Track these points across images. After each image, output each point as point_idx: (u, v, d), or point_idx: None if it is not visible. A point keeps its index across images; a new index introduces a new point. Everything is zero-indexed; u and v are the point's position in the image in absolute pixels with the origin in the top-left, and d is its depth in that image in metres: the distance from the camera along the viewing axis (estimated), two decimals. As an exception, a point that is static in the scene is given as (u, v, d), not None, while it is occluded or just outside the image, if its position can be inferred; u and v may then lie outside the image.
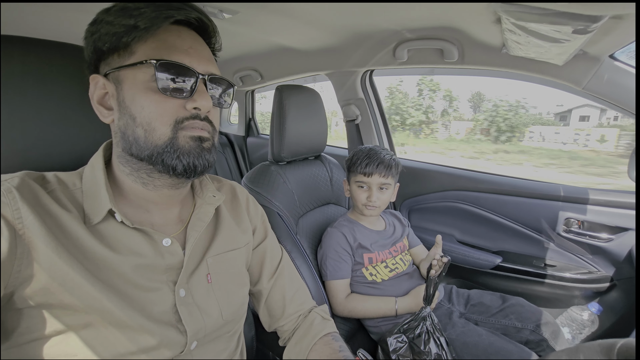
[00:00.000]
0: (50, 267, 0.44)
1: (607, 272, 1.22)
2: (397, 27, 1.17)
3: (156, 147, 0.49)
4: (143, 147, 0.49)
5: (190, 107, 0.49)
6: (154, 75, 0.47)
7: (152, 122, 0.48)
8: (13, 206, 0.44)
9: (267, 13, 1.07)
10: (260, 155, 2.51)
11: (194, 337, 0.55)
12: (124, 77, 0.49)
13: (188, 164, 0.50)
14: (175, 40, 0.49)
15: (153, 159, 0.49)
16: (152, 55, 0.47)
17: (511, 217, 1.39)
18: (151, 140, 0.48)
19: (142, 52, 0.48)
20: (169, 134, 0.49)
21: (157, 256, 0.53)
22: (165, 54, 0.48)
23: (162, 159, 0.49)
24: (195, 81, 0.50)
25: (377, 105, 1.71)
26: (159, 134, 0.48)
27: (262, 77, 2.01)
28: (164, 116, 0.48)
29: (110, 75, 0.50)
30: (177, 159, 0.49)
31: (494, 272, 1.37)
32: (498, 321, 1.06)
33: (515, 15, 0.68)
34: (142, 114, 0.48)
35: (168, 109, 0.48)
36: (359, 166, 1.07)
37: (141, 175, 0.53)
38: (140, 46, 0.48)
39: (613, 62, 0.97)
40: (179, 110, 0.49)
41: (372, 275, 1.08)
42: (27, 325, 0.46)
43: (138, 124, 0.48)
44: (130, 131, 0.49)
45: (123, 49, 0.48)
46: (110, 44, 0.48)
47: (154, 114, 0.48)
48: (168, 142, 0.49)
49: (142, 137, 0.49)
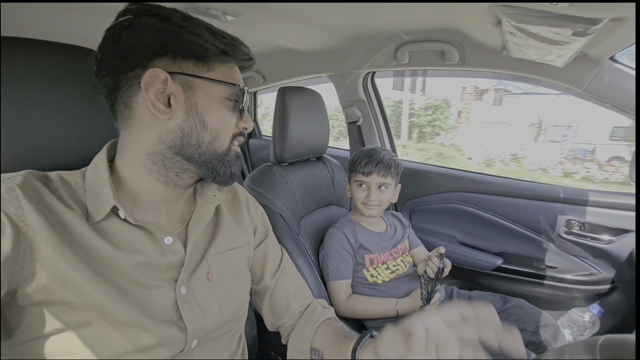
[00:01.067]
0: (52, 266, 0.45)
1: (608, 274, 1.22)
2: (399, 29, 1.18)
3: (215, 153, 0.56)
4: (204, 151, 0.55)
5: (242, 126, 0.59)
6: (233, 95, 0.56)
7: (220, 132, 0.55)
8: (16, 204, 0.45)
9: (269, 15, 1.08)
10: (262, 157, 2.52)
11: (195, 335, 0.56)
12: (199, 86, 0.53)
13: (233, 173, 0.60)
14: (232, 70, 0.58)
15: (207, 163, 0.56)
16: (228, 78, 0.56)
17: (512, 219, 1.39)
18: (214, 147, 0.56)
19: (220, 73, 0.55)
20: (227, 145, 0.57)
21: (159, 254, 0.54)
22: (234, 80, 0.57)
23: (216, 165, 0.57)
24: (243, 106, 0.59)
25: (378, 106, 1.72)
26: (221, 144, 0.56)
27: (264, 79, 2.02)
28: (228, 129, 0.57)
29: (177, 77, 0.52)
30: (228, 168, 0.58)
31: (495, 273, 1.37)
32: (499, 322, 1.06)
33: (516, 18, 0.68)
34: (215, 123, 0.55)
35: (231, 125, 0.57)
36: (359, 165, 1.09)
37: (169, 174, 0.55)
38: (219, 67, 0.55)
39: (613, 64, 0.97)
40: (235, 128, 0.58)
41: (372, 277, 1.09)
42: (29, 323, 0.46)
43: (208, 130, 0.54)
44: (196, 134, 0.54)
45: (202, 61, 0.54)
46: (191, 52, 0.52)
47: (223, 126, 0.56)
48: (226, 151, 0.57)
49: (206, 142, 0.55)
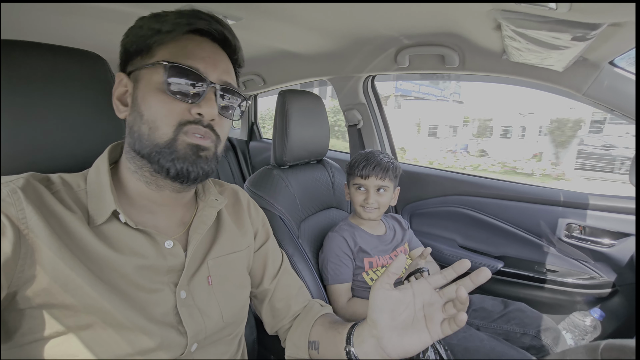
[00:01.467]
0: (52, 269, 0.45)
1: (609, 278, 1.21)
2: (399, 33, 1.18)
3: (156, 145, 0.50)
4: (145, 144, 0.51)
5: (195, 112, 0.51)
6: (172, 76, 0.49)
7: (157, 120, 0.50)
8: (18, 206, 0.45)
9: (270, 19, 1.09)
10: (263, 159, 2.52)
11: (194, 338, 0.56)
12: (142, 76, 0.52)
13: (181, 169, 0.51)
14: (194, 48, 0.52)
15: (151, 157, 0.51)
16: (168, 58, 0.50)
17: (513, 222, 1.38)
18: (153, 138, 0.50)
19: (160, 55, 0.51)
20: (170, 135, 0.50)
21: (159, 258, 0.54)
22: (181, 59, 0.50)
23: (159, 158, 0.50)
24: (204, 88, 0.51)
25: (378, 110, 1.72)
26: (161, 134, 0.50)
27: (265, 82, 2.03)
28: (168, 117, 0.50)
29: (132, 74, 0.53)
30: (172, 161, 0.50)
31: (496, 277, 1.37)
32: (500, 326, 1.06)
33: (515, 23, 0.69)
34: (149, 112, 0.50)
35: (173, 111, 0.50)
36: (356, 168, 1.09)
37: (144, 173, 0.54)
38: (161, 50, 0.51)
39: (613, 68, 0.98)
40: (183, 114, 0.50)
41: (372, 280, 1.08)
42: (29, 325, 0.46)
43: (144, 121, 0.51)
44: (137, 127, 0.51)
45: (146, 51, 0.52)
46: (136, 45, 0.52)
47: (159, 114, 0.50)
48: (168, 142, 0.50)
49: (145, 134, 0.50)
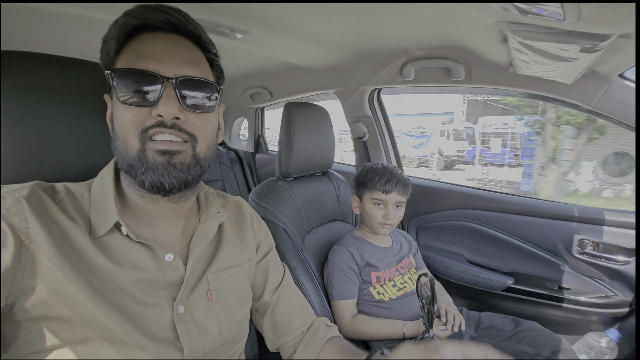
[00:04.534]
0: (51, 281, 0.44)
1: (626, 297, 1.16)
2: (404, 47, 1.19)
3: (130, 159, 0.48)
4: (123, 159, 0.49)
5: (155, 114, 0.47)
6: (115, 85, 0.47)
7: (124, 134, 0.48)
8: (21, 216, 0.44)
9: (276, 32, 1.11)
10: (269, 171, 2.53)
11: (191, 355, 0.54)
12: (113, 93, 0.49)
13: (153, 180, 0.48)
14: (145, 47, 0.48)
15: (130, 172, 0.49)
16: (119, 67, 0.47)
17: (523, 237, 1.35)
18: (126, 152, 0.48)
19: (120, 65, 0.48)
20: (138, 145, 0.47)
21: (159, 271, 0.53)
22: (130, 64, 0.46)
23: (135, 172, 0.48)
24: (159, 86, 0.47)
25: (384, 123, 1.72)
26: (130, 146, 0.48)
27: (271, 95, 2.05)
28: (131, 127, 0.47)
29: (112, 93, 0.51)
30: (144, 174, 0.47)
31: (505, 294, 1.33)
32: (511, 346, 1.02)
33: (522, 35, 0.68)
34: (118, 127, 0.49)
35: (134, 119, 0.47)
36: (378, 183, 1.06)
37: (137, 187, 0.52)
38: (120, 61, 0.48)
39: (623, 81, 0.96)
40: (145, 119, 0.47)
41: (379, 294, 1.06)
42: (26, 338, 0.46)
43: (117, 136, 0.49)
44: (115, 144, 0.50)
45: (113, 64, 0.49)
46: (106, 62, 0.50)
47: (123, 125, 0.48)
48: (138, 153, 0.47)
49: (122, 150, 0.49)
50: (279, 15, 0.97)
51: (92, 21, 0.97)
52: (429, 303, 0.88)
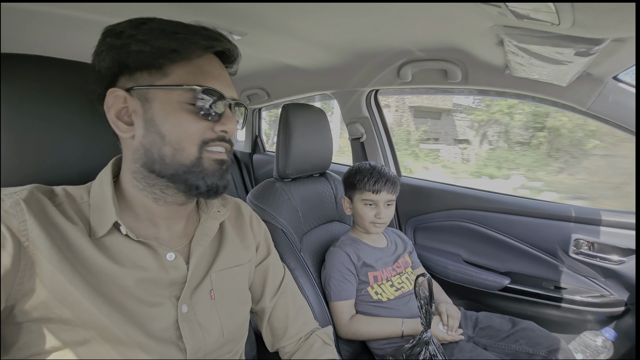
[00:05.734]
0: (51, 282, 0.45)
1: (621, 296, 1.18)
2: (401, 48, 1.20)
3: (182, 165, 0.50)
4: (169, 165, 0.50)
5: (219, 129, 0.52)
6: (193, 98, 0.50)
7: (182, 141, 0.50)
8: (20, 218, 0.45)
9: (274, 34, 1.11)
10: (266, 172, 2.53)
11: (194, 355, 0.54)
12: (155, 96, 0.50)
13: (212, 184, 0.52)
14: (209, 67, 0.53)
15: (176, 177, 0.51)
16: (188, 79, 0.50)
17: (519, 237, 1.36)
18: (178, 159, 0.50)
19: (177, 76, 0.50)
20: (196, 154, 0.51)
21: (161, 270, 0.53)
22: (200, 80, 0.51)
23: (186, 178, 0.51)
24: (224, 106, 0.53)
25: (382, 123, 1.73)
26: (187, 154, 0.50)
27: (269, 96, 2.05)
28: (193, 137, 0.50)
29: (134, 91, 0.50)
30: (202, 179, 0.51)
31: (502, 293, 1.34)
32: (508, 346, 1.03)
33: (518, 38, 0.69)
34: (172, 133, 0.50)
35: (197, 130, 0.50)
36: (367, 184, 1.07)
37: (155, 190, 0.53)
38: (176, 69, 0.50)
39: (617, 83, 0.98)
40: (206, 132, 0.51)
41: (377, 294, 1.06)
42: (26, 340, 0.46)
43: (167, 142, 0.50)
44: (157, 149, 0.50)
45: (156, 68, 0.50)
46: (141, 61, 0.49)
47: (184, 134, 0.50)
48: (194, 162, 0.51)
49: (169, 156, 0.50)
50: (277, 16, 0.97)
51: (91, 23, 0.97)
52: (426, 303, 0.89)
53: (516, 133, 4.90)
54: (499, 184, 4.27)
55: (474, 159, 6.06)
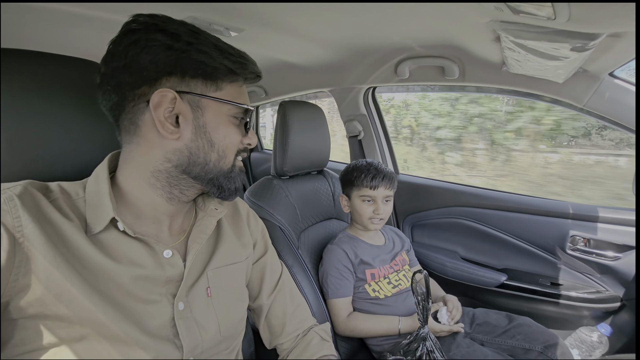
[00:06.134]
0: (47, 278, 0.44)
1: (617, 292, 1.19)
2: (399, 45, 1.20)
3: (221, 170, 0.57)
4: (211, 169, 0.55)
5: (246, 142, 0.60)
6: (240, 114, 0.57)
7: (227, 150, 0.56)
8: (14, 214, 0.44)
9: (271, 31, 1.10)
10: (263, 170, 2.53)
11: (191, 353, 0.54)
12: (207, 105, 0.53)
13: (237, 187, 0.60)
14: (244, 89, 0.60)
15: (214, 180, 0.57)
16: (236, 98, 0.56)
17: (516, 234, 1.37)
18: (221, 165, 0.56)
19: (228, 92, 0.55)
20: (232, 162, 0.58)
21: (157, 267, 0.53)
22: (243, 99, 0.57)
23: (221, 182, 0.57)
24: (249, 122, 0.60)
25: (379, 121, 1.73)
26: (227, 161, 0.57)
27: (266, 94, 2.05)
28: (234, 146, 0.57)
29: (185, 96, 0.51)
30: (233, 183, 0.59)
31: (499, 290, 1.34)
32: (505, 342, 1.03)
33: (514, 34, 0.69)
34: (222, 142, 0.55)
35: (237, 142, 0.58)
36: (364, 180, 1.07)
37: (173, 190, 0.55)
38: (227, 86, 0.55)
39: (613, 80, 0.98)
40: (239, 144, 0.58)
41: (375, 292, 1.06)
42: (21, 336, 0.45)
43: (215, 149, 0.55)
44: (203, 153, 0.54)
45: (211, 80, 0.53)
46: (200, 71, 0.51)
47: (230, 145, 0.56)
48: (230, 168, 0.58)
49: (213, 162, 0.55)
50: (274, 13, 0.96)
51: (85, 19, 0.96)
52: (424, 299, 0.89)
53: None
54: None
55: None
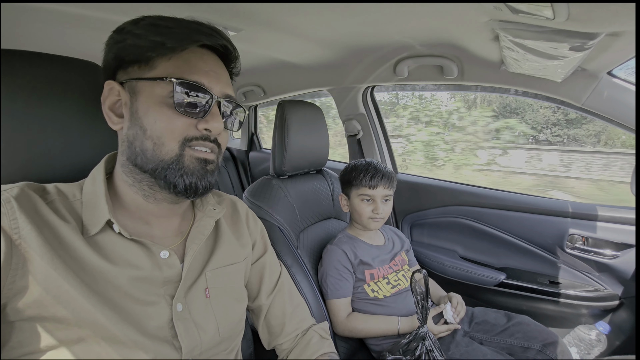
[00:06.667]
0: (44, 280, 0.44)
1: (615, 290, 1.19)
2: (397, 44, 1.19)
3: (162, 161, 0.49)
4: (150, 159, 0.50)
5: (202, 127, 0.51)
6: (172, 92, 0.48)
7: (162, 137, 0.49)
8: (11, 216, 0.44)
9: (270, 30, 1.10)
10: (262, 170, 2.52)
11: (189, 354, 0.54)
12: (141, 88, 0.50)
13: (190, 183, 0.51)
14: (198, 62, 0.51)
15: (156, 173, 0.50)
16: (172, 73, 0.49)
17: (514, 233, 1.37)
18: (158, 154, 0.49)
19: (163, 69, 0.49)
20: (176, 151, 0.50)
21: (155, 269, 0.53)
22: (186, 74, 0.49)
23: (166, 174, 0.50)
24: (210, 103, 0.51)
25: (378, 120, 1.73)
26: (167, 150, 0.49)
27: (264, 93, 2.04)
28: (174, 132, 0.49)
29: (126, 84, 0.51)
30: (180, 177, 0.50)
31: (498, 289, 1.35)
32: (503, 340, 1.03)
33: (513, 33, 0.69)
34: (153, 127, 0.49)
35: (179, 126, 0.49)
36: (363, 179, 1.07)
37: (143, 187, 0.53)
38: (162, 62, 0.49)
39: (611, 79, 0.98)
40: (189, 129, 0.50)
41: (373, 292, 1.06)
42: (19, 339, 0.45)
43: (148, 136, 0.49)
44: (139, 142, 0.50)
45: (145, 62, 0.50)
46: (133, 55, 0.49)
47: (165, 130, 0.49)
48: (175, 158, 0.50)
49: (149, 150, 0.49)
50: (272, 12, 0.96)
51: (83, 19, 0.95)
52: (423, 299, 0.89)
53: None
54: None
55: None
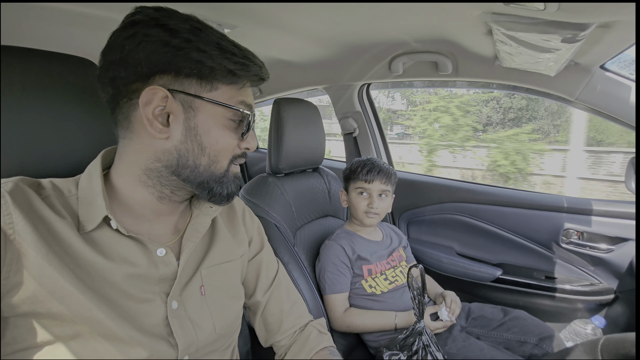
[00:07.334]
0: (40, 275, 0.44)
1: (610, 284, 1.20)
2: (393, 41, 1.20)
3: (212, 175, 0.54)
4: (201, 173, 0.53)
5: (244, 147, 0.56)
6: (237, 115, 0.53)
7: (219, 155, 0.53)
8: (5, 211, 0.44)
9: (265, 27, 1.10)
10: (259, 169, 2.52)
11: (185, 351, 0.54)
12: (201, 106, 0.50)
13: (230, 192, 0.57)
14: (247, 92, 0.55)
15: (204, 184, 0.54)
16: (231, 99, 0.52)
17: (510, 229, 1.37)
18: (212, 170, 0.53)
19: (226, 93, 0.52)
20: (225, 167, 0.55)
21: (151, 266, 0.53)
22: (240, 102, 0.53)
23: (212, 186, 0.54)
24: (250, 124, 0.56)
25: (374, 118, 1.73)
26: (219, 166, 0.54)
27: (260, 92, 2.04)
28: (228, 151, 0.54)
29: (178, 95, 0.49)
30: (225, 188, 0.56)
31: (495, 284, 1.35)
32: (500, 335, 1.04)
33: (505, 26, 0.69)
34: (213, 146, 0.52)
35: (232, 147, 0.55)
36: (360, 173, 1.09)
37: (164, 190, 0.54)
38: (224, 87, 0.52)
39: (604, 72, 0.99)
40: (235, 149, 0.55)
41: (371, 288, 1.06)
42: (13, 335, 0.45)
43: (206, 154, 0.52)
44: (193, 156, 0.51)
45: (207, 81, 0.50)
46: (196, 69, 0.48)
47: (224, 150, 0.54)
48: (224, 174, 0.55)
49: (203, 166, 0.52)
50: (267, 9, 0.96)
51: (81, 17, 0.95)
52: (419, 294, 0.89)
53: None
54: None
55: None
